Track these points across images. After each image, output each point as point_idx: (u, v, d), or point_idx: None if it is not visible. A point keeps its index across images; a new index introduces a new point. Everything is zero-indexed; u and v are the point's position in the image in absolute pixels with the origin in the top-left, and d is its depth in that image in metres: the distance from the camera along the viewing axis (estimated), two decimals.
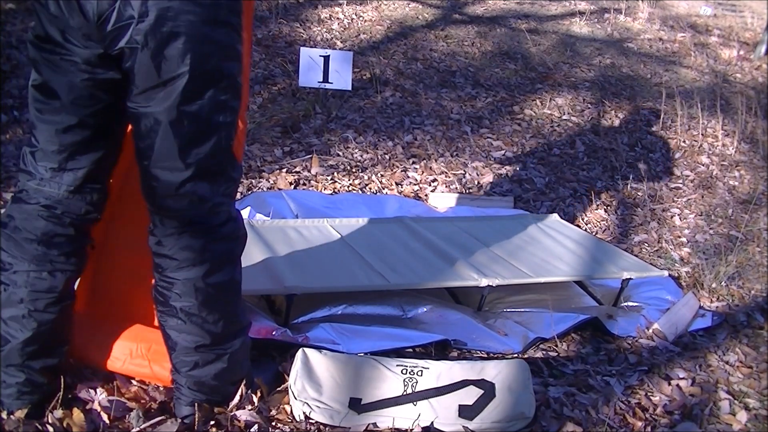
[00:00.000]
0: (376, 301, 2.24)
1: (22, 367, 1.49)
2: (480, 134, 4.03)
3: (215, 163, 1.42)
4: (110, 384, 1.67)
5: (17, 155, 3.05)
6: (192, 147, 1.37)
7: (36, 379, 1.51)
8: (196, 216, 1.44)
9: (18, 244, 1.47)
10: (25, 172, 1.50)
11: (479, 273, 2.32)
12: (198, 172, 1.39)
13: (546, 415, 1.77)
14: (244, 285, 1.95)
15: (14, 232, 1.48)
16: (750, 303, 2.71)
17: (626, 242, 3.16)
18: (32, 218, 1.48)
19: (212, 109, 1.37)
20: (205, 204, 1.43)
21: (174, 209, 1.43)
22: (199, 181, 1.40)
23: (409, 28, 5.48)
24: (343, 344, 1.99)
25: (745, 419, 1.92)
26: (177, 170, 1.38)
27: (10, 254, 1.48)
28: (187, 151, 1.37)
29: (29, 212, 1.48)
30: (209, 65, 1.33)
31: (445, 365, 1.75)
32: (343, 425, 1.62)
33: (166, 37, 1.28)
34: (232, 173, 1.47)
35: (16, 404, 1.50)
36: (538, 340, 2.19)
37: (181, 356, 1.52)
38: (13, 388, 1.49)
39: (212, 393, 1.57)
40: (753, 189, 3.83)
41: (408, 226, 2.72)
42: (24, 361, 1.49)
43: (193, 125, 1.36)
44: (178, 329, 1.50)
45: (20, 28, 4.27)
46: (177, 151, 1.37)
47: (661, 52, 5.91)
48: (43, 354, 1.52)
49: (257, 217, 2.73)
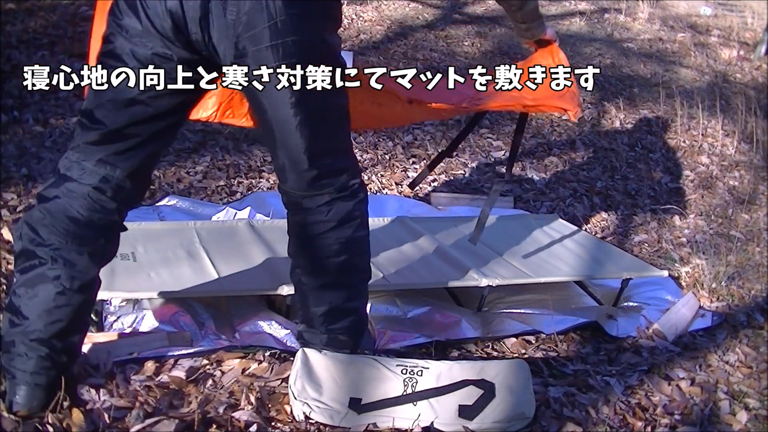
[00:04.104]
0: (376, 301, 2.24)
1: (46, 342, 1.50)
2: (480, 134, 4.03)
3: None
4: (110, 384, 1.67)
5: (17, 155, 3.05)
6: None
7: (57, 356, 1.53)
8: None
9: (61, 221, 1.50)
10: (77, 150, 1.53)
11: (479, 273, 2.32)
12: None
13: (546, 415, 1.76)
14: (244, 285, 1.96)
15: (58, 209, 1.51)
16: (750, 303, 2.70)
17: (626, 242, 3.16)
18: (80, 198, 1.51)
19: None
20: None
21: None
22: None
23: (409, 28, 5.49)
24: None
25: (745, 419, 1.91)
26: None
27: (50, 231, 1.50)
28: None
29: (78, 192, 1.51)
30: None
31: (445, 365, 1.74)
32: (343, 425, 1.62)
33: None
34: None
35: (35, 378, 1.50)
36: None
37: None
38: (33, 361, 1.50)
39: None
40: (753, 189, 3.83)
41: (408, 226, 2.72)
42: (50, 337, 1.50)
43: None
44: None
45: (20, 29, 4.27)
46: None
47: (661, 52, 5.91)
48: (68, 332, 1.54)
49: (257, 217, 2.73)
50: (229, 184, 3.12)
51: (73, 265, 1.51)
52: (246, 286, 2.11)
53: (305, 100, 1.51)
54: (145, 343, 1.85)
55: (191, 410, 1.61)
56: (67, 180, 1.52)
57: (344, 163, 1.66)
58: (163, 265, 2.15)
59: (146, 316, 1.98)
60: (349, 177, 1.65)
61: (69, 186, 1.52)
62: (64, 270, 1.50)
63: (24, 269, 1.52)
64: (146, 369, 1.75)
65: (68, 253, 1.51)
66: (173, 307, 2.04)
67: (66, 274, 1.51)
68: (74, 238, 1.51)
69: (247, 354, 1.87)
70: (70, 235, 1.51)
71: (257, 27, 1.44)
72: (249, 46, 1.46)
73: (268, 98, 1.51)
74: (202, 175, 3.12)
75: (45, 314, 1.50)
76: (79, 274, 1.52)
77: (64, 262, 1.50)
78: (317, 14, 1.51)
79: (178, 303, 2.06)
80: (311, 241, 1.68)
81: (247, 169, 3.25)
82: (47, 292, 1.50)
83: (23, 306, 1.51)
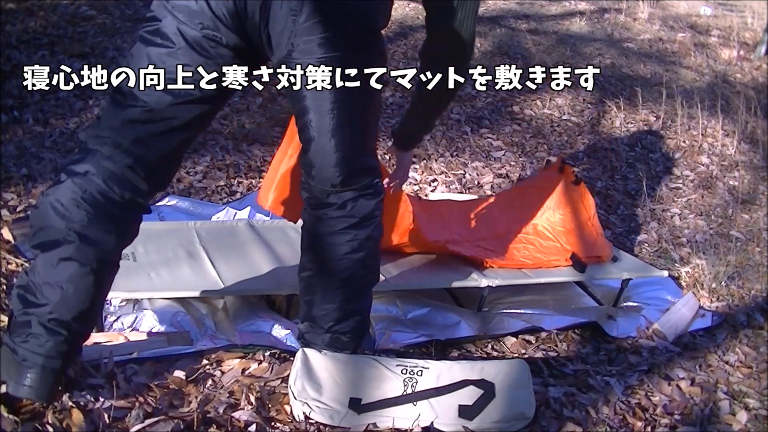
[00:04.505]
0: (376, 301, 2.24)
1: (66, 325, 1.45)
2: (480, 134, 4.03)
3: None
4: (110, 384, 1.67)
5: (17, 155, 3.05)
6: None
7: (75, 340, 1.49)
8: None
9: (91, 198, 1.45)
10: (110, 128, 1.49)
11: (479, 273, 2.32)
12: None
13: (546, 415, 1.76)
14: (243, 285, 1.96)
15: (90, 185, 1.46)
16: (750, 303, 2.70)
17: (626, 242, 3.16)
18: (114, 176, 1.47)
19: None
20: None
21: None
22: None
23: (409, 28, 5.48)
24: None
25: (745, 419, 1.91)
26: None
27: (79, 206, 1.45)
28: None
29: (112, 169, 1.47)
30: None
31: (445, 365, 1.74)
32: (343, 425, 1.62)
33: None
34: None
35: (50, 363, 1.44)
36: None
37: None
38: (50, 344, 1.44)
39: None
40: (753, 189, 3.83)
41: None
42: (71, 319, 1.45)
43: None
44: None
45: (20, 29, 4.27)
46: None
47: (661, 52, 5.91)
48: (87, 317, 1.50)
49: (257, 217, 2.73)
50: (229, 184, 3.12)
51: (100, 244, 1.46)
52: (246, 286, 2.11)
53: (347, 96, 1.52)
54: (145, 343, 1.85)
55: (191, 410, 1.61)
56: (100, 156, 1.47)
57: (373, 161, 1.68)
58: (163, 265, 2.15)
59: (146, 316, 1.98)
60: (374, 176, 1.67)
61: (103, 163, 1.47)
62: (90, 249, 1.45)
63: (44, 245, 1.45)
64: (146, 369, 1.75)
65: (96, 232, 1.45)
66: (173, 307, 2.04)
67: (93, 253, 1.45)
68: (104, 216, 1.46)
69: (247, 354, 1.86)
70: (100, 212, 1.46)
71: (311, 20, 1.46)
72: (300, 38, 1.47)
73: (311, 92, 1.51)
74: (202, 175, 3.11)
75: (68, 295, 1.44)
76: (105, 254, 1.48)
77: (91, 241, 1.45)
78: (371, 11, 1.54)
79: (178, 303, 2.06)
80: (329, 237, 1.68)
81: (247, 169, 3.25)
82: (71, 271, 1.43)
83: (43, 285, 1.44)
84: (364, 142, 1.65)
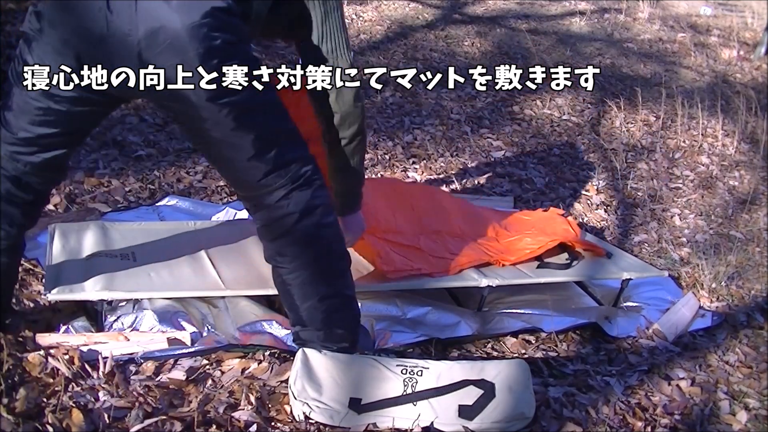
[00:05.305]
0: (376, 301, 2.24)
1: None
2: (480, 134, 4.03)
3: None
4: (110, 384, 1.67)
5: None
6: None
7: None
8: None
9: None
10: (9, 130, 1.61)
11: (479, 273, 2.32)
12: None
13: (546, 415, 1.76)
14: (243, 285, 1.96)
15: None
16: (750, 303, 2.71)
17: (626, 242, 3.16)
18: (9, 179, 1.61)
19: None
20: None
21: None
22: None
23: (409, 28, 5.49)
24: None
25: (745, 419, 1.92)
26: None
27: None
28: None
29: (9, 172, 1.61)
30: None
31: (445, 365, 1.75)
32: (343, 425, 1.62)
33: None
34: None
35: None
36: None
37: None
38: None
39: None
40: (753, 189, 3.83)
41: None
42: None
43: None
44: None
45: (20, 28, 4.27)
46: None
47: (661, 52, 5.91)
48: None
49: None
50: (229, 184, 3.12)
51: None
52: (246, 286, 2.11)
53: (230, 101, 1.51)
54: (145, 343, 1.85)
55: (191, 410, 1.61)
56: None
57: (292, 153, 1.65)
58: (163, 265, 2.15)
59: (146, 316, 1.98)
60: (299, 165, 1.64)
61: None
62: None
63: None
64: (146, 369, 1.75)
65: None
66: (173, 307, 2.04)
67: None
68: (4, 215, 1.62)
69: (247, 354, 1.86)
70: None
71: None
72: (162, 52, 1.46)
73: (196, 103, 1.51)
74: (202, 175, 3.11)
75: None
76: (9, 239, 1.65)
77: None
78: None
79: (178, 303, 2.06)
80: (282, 238, 1.69)
81: None
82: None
83: None
84: (270, 137, 1.60)
